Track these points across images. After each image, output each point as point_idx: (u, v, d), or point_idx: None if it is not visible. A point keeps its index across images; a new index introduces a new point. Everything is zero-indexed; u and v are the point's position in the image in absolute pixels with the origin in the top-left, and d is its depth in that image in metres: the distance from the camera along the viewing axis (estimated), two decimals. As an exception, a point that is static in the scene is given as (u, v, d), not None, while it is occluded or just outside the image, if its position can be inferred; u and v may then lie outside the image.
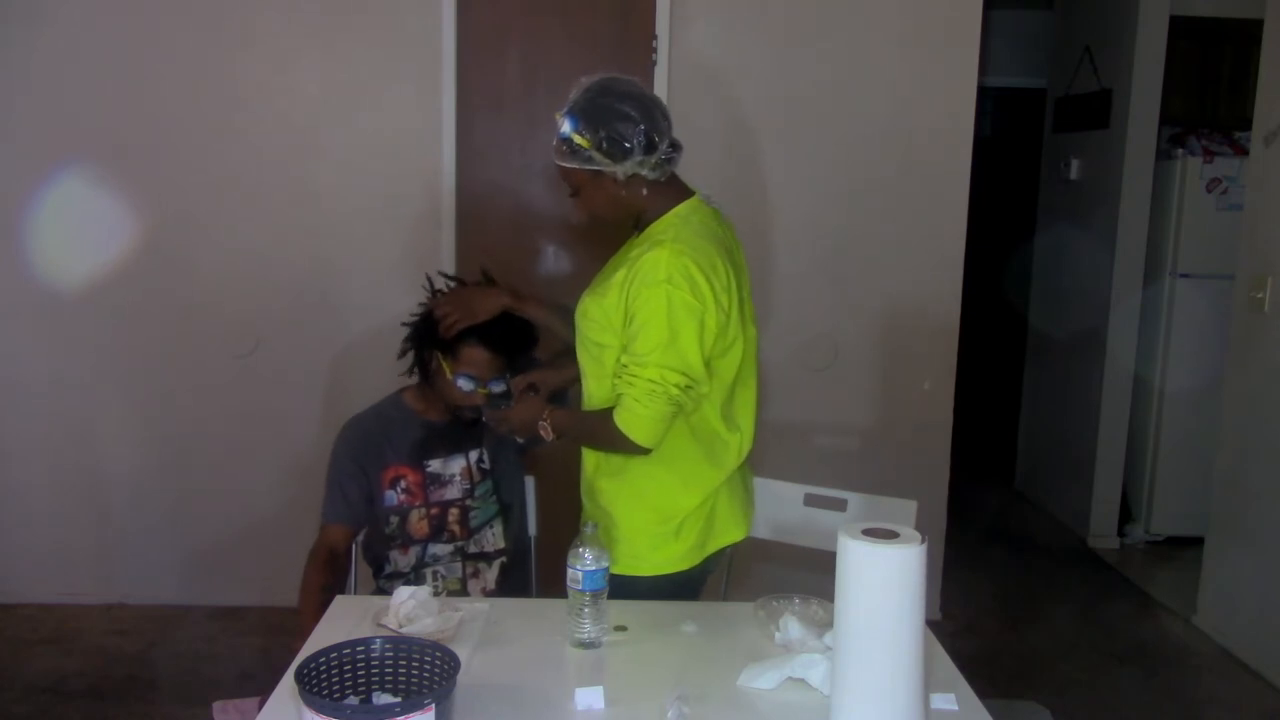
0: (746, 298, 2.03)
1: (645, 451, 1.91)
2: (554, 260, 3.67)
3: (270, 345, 3.62)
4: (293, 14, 3.50)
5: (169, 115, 3.52)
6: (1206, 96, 4.70)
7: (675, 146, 1.95)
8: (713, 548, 2.04)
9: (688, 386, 1.87)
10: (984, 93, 3.97)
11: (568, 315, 2.10)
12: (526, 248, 3.63)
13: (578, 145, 1.88)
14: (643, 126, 1.88)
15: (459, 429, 2.34)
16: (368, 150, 3.56)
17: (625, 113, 1.88)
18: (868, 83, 3.58)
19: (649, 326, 1.85)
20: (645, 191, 1.94)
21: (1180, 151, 4.52)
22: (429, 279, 2.42)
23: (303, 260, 3.59)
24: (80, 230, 3.54)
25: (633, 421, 1.87)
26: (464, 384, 2.26)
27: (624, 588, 1.95)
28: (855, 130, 3.59)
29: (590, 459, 2.06)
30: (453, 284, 2.40)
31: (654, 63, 3.48)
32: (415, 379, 2.39)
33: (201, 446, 3.66)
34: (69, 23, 3.46)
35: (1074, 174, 4.95)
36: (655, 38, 3.49)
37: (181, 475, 3.67)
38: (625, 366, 1.89)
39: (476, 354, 2.26)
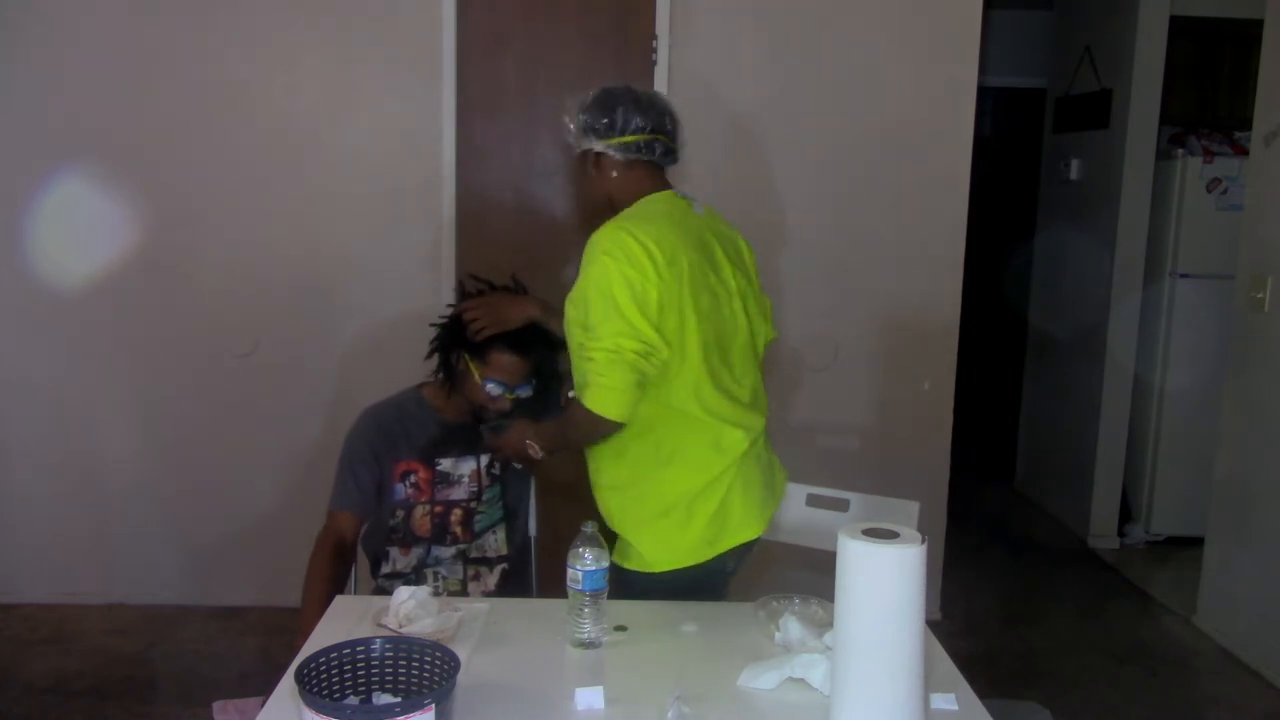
0: (740, 291, 2.03)
1: (619, 428, 1.89)
2: (554, 261, 3.66)
3: (270, 345, 3.62)
4: (293, 14, 3.50)
5: (169, 115, 3.52)
6: (1206, 96, 4.70)
7: (660, 138, 1.98)
8: (726, 545, 1.99)
9: (646, 353, 1.85)
10: (984, 93, 3.97)
11: None
12: (527, 248, 3.63)
13: (568, 126, 1.98)
14: (622, 108, 1.95)
15: (474, 431, 2.33)
16: (368, 150, 3.56)
17: (615, 96, 1.97)
18: (868, 83, 3.58)
19: (595, 298, 1.87)
20: (615, 174, 1.99)
21: (1180, 151, 4.52)
22: (460, 282, 2.40)
23: (303, 260, 3.59)
24: (80, 230, 3.54)
25: (601, 396, 1.85)
26: (493, 389, 2.26)
27: (636, 585, 1.95)
28: (855, 130, 3.60)
29: (591, 459, 2.06)
30: (484, 288, 2.37)
31: (654, 63, 3.48)
32: (440, 377, 2.37)
33: (201, 446, 3.66)
34: (69, 23, 3.46)
35: (1074, 174, 4.95)
36: (655, 38, 3.49)
37: (181, 475, 3.67)
38: (583, 345, 1.89)
39: (506, 360, 2.25)
